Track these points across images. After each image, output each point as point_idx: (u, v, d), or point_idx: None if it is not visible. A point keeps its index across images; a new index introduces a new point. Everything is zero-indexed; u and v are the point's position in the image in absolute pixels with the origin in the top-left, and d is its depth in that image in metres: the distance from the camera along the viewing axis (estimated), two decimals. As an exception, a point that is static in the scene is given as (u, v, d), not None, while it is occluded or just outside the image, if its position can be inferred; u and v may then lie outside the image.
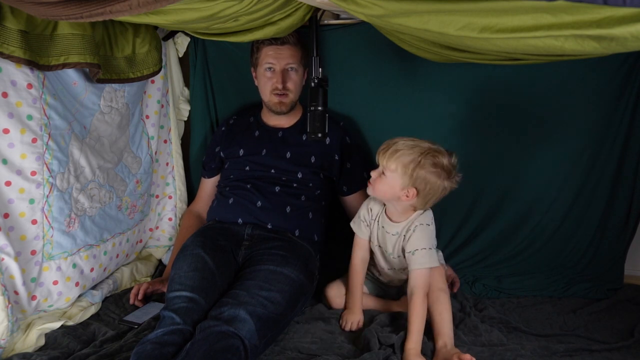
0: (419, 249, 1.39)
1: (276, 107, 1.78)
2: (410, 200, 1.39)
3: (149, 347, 1.17)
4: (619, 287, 1.75)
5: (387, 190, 1.40)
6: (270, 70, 1.74)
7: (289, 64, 1.73)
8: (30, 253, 1.40)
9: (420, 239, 1.41)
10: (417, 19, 0.96)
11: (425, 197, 1.39)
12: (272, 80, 1.74)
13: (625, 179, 1.77)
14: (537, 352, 1.32)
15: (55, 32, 1.33)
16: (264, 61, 1.74)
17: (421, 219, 1.43)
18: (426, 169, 1.35)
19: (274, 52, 1.71)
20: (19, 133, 1.33)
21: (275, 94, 1.75)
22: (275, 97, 1.76)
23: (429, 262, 1.39)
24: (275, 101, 1.76)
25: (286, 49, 1.72)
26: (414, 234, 1.42)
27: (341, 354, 1.31)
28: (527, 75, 1.74)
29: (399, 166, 1.36)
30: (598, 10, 0.74)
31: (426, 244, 1.40)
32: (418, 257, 1.39)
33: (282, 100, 1.76)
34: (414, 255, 1.40)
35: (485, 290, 1.74)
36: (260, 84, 1.79)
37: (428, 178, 1.35)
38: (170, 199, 2.01)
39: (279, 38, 1.68)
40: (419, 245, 1.40)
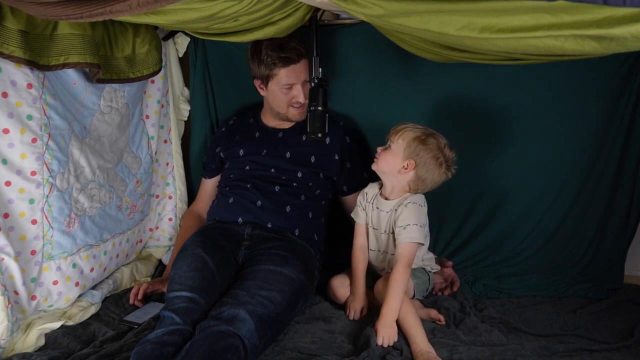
0: (410, 224, 1.46)
1: (296, 118, 1.77)
2: (408, 173, 1.48)
3: (148, 347, 1.17)
4: (619, 287, 1.75)
5: (389, 161, 1.50)
6: (289, 87, 1.70)
7: (306, 77, 1.69)
8: (30, 253, 1.40)
9: (412, 215, 1.48)
10: (417, 19, 0.96)
11: (421, 175, 1.48)
12: (290, 95, 1.71)
13: (625, 179, 1.77)
14: (537, 352, 1.32)
15: (55, 32, 1.33)
16: (281, 81, 1.68)
17: (414, 198, 1.51)
18: (427, 147, 1.46)
19: (294, 72, 1.67)
20: (18, 133, 1.33)
21: (294, 106, 1.73)
22: (295, 109, 1.74)
23: (417, 238, 1.46)
24: (295, 113, 1.75)
25: (302, 65, 1.68)
26: (406, 210, 1.49)
27: (341, 354, 1.31)
28: (527, 75, 1.74)
29: (404, 139, 1.48)
30: (598, 10, 0.74)
31: (417, 221, 1.47)
32: (408, 232, 1.46)
33: (301, 110, 1.74)
34: (405, 229, 1.47)
35: (485, 290, 1.74)
36: (275, 98, 1.74)
37: (427, 156, 1.46)
38: (171, 199, 2.01)
39: (293, 56, 1.64)
40: (410, 220, 1.47)
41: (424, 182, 1.49)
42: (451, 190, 1.90)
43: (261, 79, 1.73)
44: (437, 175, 1.49)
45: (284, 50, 1.64)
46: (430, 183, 1.50)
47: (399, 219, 1.50)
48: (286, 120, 1.80)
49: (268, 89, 1.74)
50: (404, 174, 1.49)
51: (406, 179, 1.50)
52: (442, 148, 1.48)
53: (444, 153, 1.48)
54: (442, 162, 1.48)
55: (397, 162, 1.49)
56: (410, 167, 1.47)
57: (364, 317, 1.52)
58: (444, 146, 1.49)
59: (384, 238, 1.57)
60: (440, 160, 1.48)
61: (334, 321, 1.47)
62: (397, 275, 1.42)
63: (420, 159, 1.47)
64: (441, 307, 1.57)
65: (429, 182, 1.50)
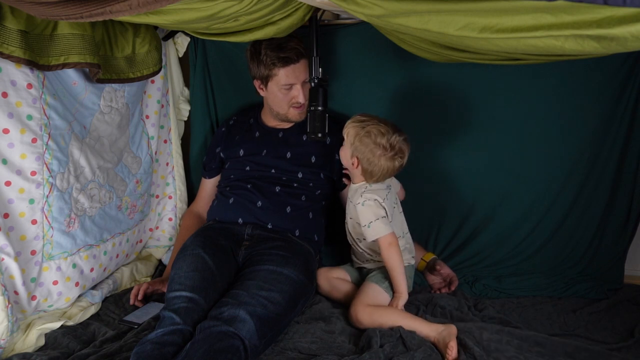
0: (373, 221, 1.51)
1: (296, 118, 1.77)
2: (356, 169, 1.56)
3: (148, 347, 1.17)
4: (619, 287, 1.75)
5: (343, 156, 1.62)
6: (288, 88, 1.69)
7: (307, 78, 1.68)
8: (30, 253, 1.40)
9: (370, 212, 1.52)
10: (417, 19, 0.96)
11: (367, 169, 1.54)
12: (290, 95, 1.70)
13: (625, 179, 1.77)
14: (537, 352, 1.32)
15: (55, 32, 1.33)
16: (282, 81, 1.67)
17: (368, 194, 1.55)
18: (363, 142, 1.52)
19: (293, 72, 1.66)
20: (18, 133, 1.33)
21: (294, 106, 1.73)
22: (295, 109, 1.74)
23: (384, 230, 1.51)
24: (295, 113, 1.75)
25: (302, 65, 1.67)
26: (363, 209, 1.53)
27: (341, 354, 1.31)
28: (526, 76, 1.74)
29: (348, 136, 1.56)
30: (598, 10, 0.74)
31: (377, 215, 1.52)
32: (373, 229, 1.51)
33: (301, 111, 1.74)
34: (369, 227, 1.52)
35: (485, 290, 1.74)
36: (274, 98, 1.73)
37: (365, 151, 1.52)
38: (171, 199, 2.01)
39: (293, 56, 1.63)
40: (371, 217, 1.52)
41: (372, 174, 1.54)
42: (451, 190, 1.91)
43: (261, 80, 1.72)
44: (383, 166, 1.52)
45: (283, 50, 1.63)
46: (380, 173, 1.54)
47: (359, 218, 1.55)
48: (286, 121, 1.80)
49: (268, 90, 1.73)
50: (355, 169, 1.57)
51: (358, 172, 1.58)
52: (377, 140, 1.50)
53: (381, 143, 1.50)
54: (382, 154, 1.51)
55: (347, 157, 1.58)
56: (356, 163, 1.55)
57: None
58: (382, 135, 1.50)
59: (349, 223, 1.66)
60: (379, 152, 1.51)
61: (334, 321, 1.47)
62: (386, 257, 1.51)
63: (361, 155, 1.53)
64: (437, 305, 1.57)
65: (378, 173, 1.54)
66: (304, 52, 1.67)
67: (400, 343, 1.33)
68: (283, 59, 1.64)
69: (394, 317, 1.41)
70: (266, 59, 1.66)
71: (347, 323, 1.48)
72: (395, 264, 1.50)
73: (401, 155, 1.54)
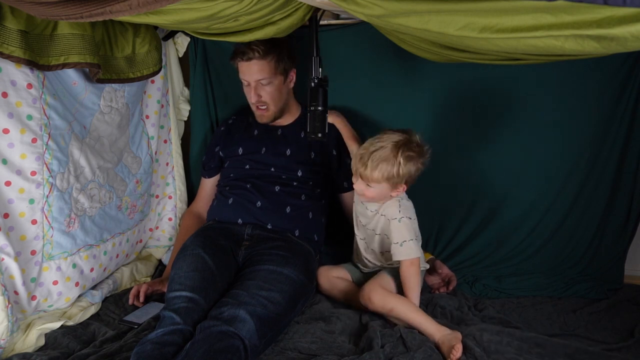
0: (407, 240, 1.47)
1: (258, 119, 1.79)
2: (401, 192, 1.51)
3: (149, 347, 1.17)
4: (619, 287, 1.75)
5: (378, 196, 1.51)
6: (247, 85, 1.73)
7: (259, 79, 1.69)
8: (30, 253, 1.40)
9: (407, 231, 1.49)
10: (417, 19, 0.96)
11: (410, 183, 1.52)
12: (249, 94, 1.74)
13: (625, 179, 1.77)
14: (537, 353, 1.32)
15: (55, 32, 1.33)
16: (241, 76, 1.73)
17: (405, 210, 1.51)
18: (407, 165, 1.46)
19: (243, 69, 1.70)
20: (18, 133, 1.33)
21: (256, 106, 1.75)
22: (257, 109, 1.76)
23: (416, 253, 1.48)
24: (257, 113, 1.78)
25: (253, 65, 1.67)
26: (400, 225, 1.49)
27: (341, 354, 1.31)
28: (527, 75, 1.74)
29: (383, 178, 1.45)
30: (598, 10, 0.74)
31: (413, 236, 1.49)
32: (405, 249, 1.47)
33: (262, 113, 1.76)
34: (402, 246, 1.47)
35: (485, 290, 1.74)
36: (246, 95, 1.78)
37: (411, 170, 1.47)
38: (170, 199, 2.01)
39: (245, 53, 1.65)
40: (407, 236, 1.48)
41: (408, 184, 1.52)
42: (452, 190, 1.91)
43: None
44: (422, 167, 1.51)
45: (243, 45, 1.66)
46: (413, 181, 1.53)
47: (392, 234, 1.50)
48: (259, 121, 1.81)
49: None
50: (397, 195, 1.52)
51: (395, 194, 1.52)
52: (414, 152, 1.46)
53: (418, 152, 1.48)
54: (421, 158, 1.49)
55: (386, 193, 1.50)
56: (403, 188, 1.51)
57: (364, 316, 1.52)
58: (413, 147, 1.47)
59: (371, 235, 1.59)
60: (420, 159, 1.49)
61: (334, 321, 1.47)
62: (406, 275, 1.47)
63: (409, 178, 1.49)
64: (437, 305, 1.57)
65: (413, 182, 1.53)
66: (258, 54, 1.66)
67: (400, 343, 1.32)
68: (238, 53, 1.68)
69: (405, 308, 1.42)
70: (233, 55, 1.72)
71: (347, 323, 1.48)
72: (414, 285, 1.47)
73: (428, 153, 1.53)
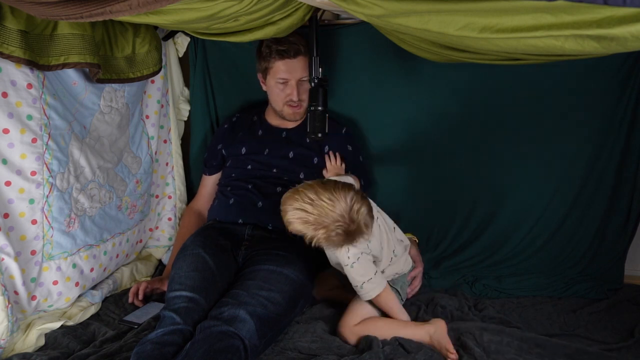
0: (365, 282, 1.36)
1: (290, 117, 1.77)
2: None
3: (149, 347, 1.17)
4: (619, 287, 1.74)
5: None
6: (283, 83, 1.70)
7: (303, 77, 1.69)
8: (30, 253, 1.40)
9: (360, 274, 1.36)
10: (417, 19, 0.96)
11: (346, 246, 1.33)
12: (285, 92, 1.71)
13: (625, 179, 1.77)
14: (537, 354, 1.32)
15: (55, 32, 1.33)
16: (276, 74, 1.69)
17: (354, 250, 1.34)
18: (331, 249, 1.34)
19: (287, 67, 1.67)
20: (18, 133, 1.33)
21: (289, 104, 1.73)
22: (289, 107, 1.74)
23: (377, 288, 1.38)
24: (289, 112, 1.75)
25: (299, 62, 1.67)
26: (352, 271, 1.36)
27: (341, 354, 1.31)
28: (527, 76, 1.74)
29: (298, 235, 1.31)
30: (598, 10, 0.74)
31: (366, 276, 1.36)
32: (366, 290, 1.37)
33: (296, 110, 1.74)
34: (362, 288, 1.37)
35: (485, 290, 1.73)
36: (272, 93, 1.75)
37: (333, 249, 1.34)
38: (170, 199, 2.01)
39: (291, 49, 1.64)
40: (362, 278, 1.36)
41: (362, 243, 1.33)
42: (452, 191, 1.91)
43: (262, 72, 1.75)
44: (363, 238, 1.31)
45: (282, 43, 1.65)
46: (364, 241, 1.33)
47: (350, 279, 1.38)
48: (283, 119, 1.80)
49: (267, 83, 1.75)
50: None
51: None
52: (341, 240, 1.27)
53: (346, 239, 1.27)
54: (355, 239, 1.28)
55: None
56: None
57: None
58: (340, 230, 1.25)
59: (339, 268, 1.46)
60: (350, 243, 1.29)
61: (334, 321, 1.47)
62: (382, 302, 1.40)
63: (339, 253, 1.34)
64: (437, 305, 1.57)
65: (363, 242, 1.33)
66: (302, 50, 1.67)
67: (400, 347, 1.33)
68: (280, 52, 1.66)
69: (386, 328, 1.38)
70: (266, 50, 1.69)
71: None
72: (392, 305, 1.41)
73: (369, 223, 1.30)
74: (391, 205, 1.73)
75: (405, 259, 1.55)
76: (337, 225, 1.25)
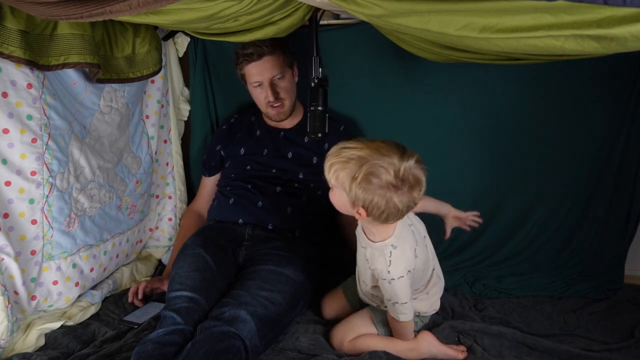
0: (399, 303, 1.22)
1: (275, 117, 1.78)
2: (365, 219, 1.17)
3: (150, 347, 1.17)
4: (619, 287, 1.74)
5: (339, 205, 1.21)
6: (258, 85, 1.72)
7: (274, 76, 1.70)
8: (30, 253, 1.40)
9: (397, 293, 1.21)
10: (417, 19, 0.96)
11: (380, 217, 1.15)
12: (262, 95, 1.72)
13: (625, 179, 1.76)
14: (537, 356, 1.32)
15: (55, 32, 1.33)
16: (250, 79, 1.72)
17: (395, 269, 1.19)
18: (366, 190, 1.11)
19: (256, 69, 1.69)
20: (18, 133, 1.33)
21: (270, 105, 1.74)
22: (272, 108, 1.75)
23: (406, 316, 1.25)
24: (272, 112, 1.76)
25: (266, 62, 1.68)
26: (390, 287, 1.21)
27: (341, 354, 1.32)
28: (527, 76, 1.74)
29: (339, 180, 1.15)
30: (598, 10, 0.74)
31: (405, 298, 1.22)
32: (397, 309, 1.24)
33: (278, 110, 1.75)
34: (394, 306, 1.24)
35: (485, 290, 1.74)
36: (254, 96, 1.77)
37: (364, 198, 1.12)
38: (170, 199, 2.01)
39: (255, 52, 1.66)
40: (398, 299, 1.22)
41: (389, 218, 1.15)
42: (452, 191, 1.90)
43: (241, 79, 1.78)
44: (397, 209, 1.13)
45: (246, 47, 1.67)
46: (395, 216, 1.15)
47: (385, 293, 1.24)
48: (274, 120, 1.81)
49: (248, 89, 1.78)
50: (364, 219, 1.18)
51: (369, 221, 1.19)
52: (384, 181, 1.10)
53: (390, 182, 1.10)
54: (394, 193, 1.10)
55: (347, 206, 1.17)
56: (364, 214, 1.15)
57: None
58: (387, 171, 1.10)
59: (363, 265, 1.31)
60: (390, 194, 1.10)
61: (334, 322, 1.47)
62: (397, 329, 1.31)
63: (368, 204, 1.13)
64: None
65: (393, 217, 1.15)
66: (267, 50, 1.67)
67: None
68: (245, 56, 1.68)
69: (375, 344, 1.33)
70: (236, 58, 1.72)
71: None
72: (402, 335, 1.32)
73: (419, 186, 1.13)
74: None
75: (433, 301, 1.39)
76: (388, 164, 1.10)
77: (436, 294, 1.37)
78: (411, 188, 1.12)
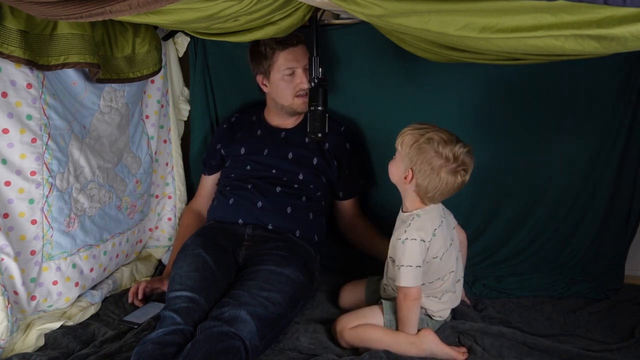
0: (404, 265, 1.29)
1: (301, 108, 1.74)
2: (409, 183, 1.33)
3: (149, 347, 1.17)
4: (619, 287, 1.74)
5: (394, 171, 1.39)
6: (291, 74, 1.70)
7: (306, 64, 1.69)
8: (29, 253, 1.40)
9: (407, 255, 1.30)
10: (417, 19, 0.96)
11: (421, 184, 1.31)
12: (294, 83, 1.70)
13: (625, 179, 1.76)
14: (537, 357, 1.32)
15: (55, 32, 1.32)
16: (283, 66, 1.68)
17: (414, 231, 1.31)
18: (422, 150, 1.29)
19: (292, 55, 1.67)
20: (18, 133, 1.33)
21: (299, 95, 1.71)
22: (299, 98, 1.72)
23: (409, 282, 1.29)
24: (299, 102, 1.73)
25: (302, 49, 1.69)
26: (402, 247, 1.31)
27: (341, 354, 1.31)
28: (527, 76, 1.74)
29: (403, 146, 1.34)
30: (598, 10, 0.74)
31: (412, 262, 1.29)
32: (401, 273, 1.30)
33: (305, 100, 1.71)
34: (399, 270, 1.30)
35: (485, 290, 1.73)
36: (278, 89, 1.73)
37: (421, 163, 1.30)
38: (170, 199, 2.01)
39: (292, 39, 1.65)
40: (404, 261, 1.30)
41: (428, 190, 1.31)
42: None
43: (263, 74, 1.73)
44: (439, 182, 1.30)
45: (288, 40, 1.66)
46: (434, 191, 1.31)
47: (395, 252, 1.34)
48: (292, 114, 1.79)
49: (270, 81, 1.73)
50: (407, 185, 1.34)
51: (411, 188, 1.35)
52: (439, 149, 1.28)
53: (444, 153, 1.28)
54: (443, 165, 1.28)
55: (400, 171, 1.35)
56: (409, 177, 1.33)
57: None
58: (445, 144, 1.29)
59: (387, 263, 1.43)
60: (440, 162, 1.28)
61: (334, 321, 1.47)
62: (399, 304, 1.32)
63: (417, 166, 1.30)
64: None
65: (433, 191, 1.31)
66: (302, 40, 1.68)
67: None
68: (281, 43, 1.66)
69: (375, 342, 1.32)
70: (265, 48, 1.68)
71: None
72: (405, 318, 1.32)
73: (465, 169, 1.31)
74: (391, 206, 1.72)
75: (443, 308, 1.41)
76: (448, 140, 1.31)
77: (447, 303, 1.42)
78: (458, 168, 1.30)
